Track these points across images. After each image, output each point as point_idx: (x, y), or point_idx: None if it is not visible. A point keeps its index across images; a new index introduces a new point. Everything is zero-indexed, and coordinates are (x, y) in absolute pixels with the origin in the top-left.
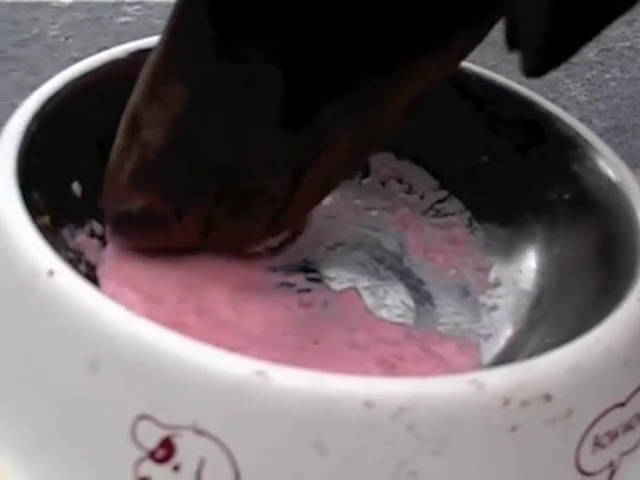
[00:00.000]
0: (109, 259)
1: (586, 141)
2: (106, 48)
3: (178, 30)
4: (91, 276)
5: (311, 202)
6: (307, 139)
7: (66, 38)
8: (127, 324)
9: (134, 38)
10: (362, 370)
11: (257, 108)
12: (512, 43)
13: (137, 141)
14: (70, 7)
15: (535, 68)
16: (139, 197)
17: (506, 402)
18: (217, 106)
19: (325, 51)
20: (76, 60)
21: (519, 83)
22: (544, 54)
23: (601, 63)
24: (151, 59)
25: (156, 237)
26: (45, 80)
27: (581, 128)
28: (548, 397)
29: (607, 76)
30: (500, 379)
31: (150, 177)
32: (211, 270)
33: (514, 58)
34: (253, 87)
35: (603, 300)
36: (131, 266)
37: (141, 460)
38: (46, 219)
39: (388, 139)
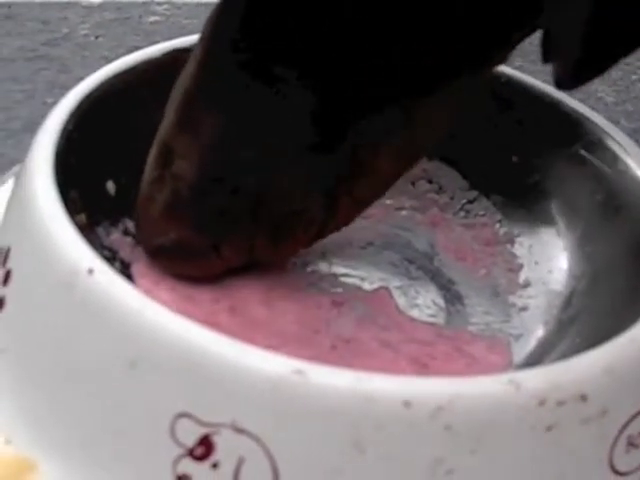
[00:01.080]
0: (143, 257)
1: (616, 142)
2: (136, 47)
3: (207, 59)
4: (125, 274)
5: (354, 213)
6: (344, 160)
7: (96, 37)
8: (167, 323)
9: (163, 37)
10: (394, 369)
11: (292, 132)
12: (547, 55)
13: (169, 172)
14: (100, 6)
15: (568, 81)
16: (173, 231)
17: (542, 402)
18: (252, 133)
19: (361, 73)
20: (106, 59)
21: (546, 84)
22: (578, 68)
23: (627, 64)
24: (179, 88)
25: (194, 268)
26: (76, 79)
27: (611, 129)
28: (584, 397)
29: (634, 77)
30: (536, 379)
31: (184, 210)
32: (244, 269)
33: (540, 60)
34: (287, 112)
35: (634, 300)
36: None
37: (180, 457)
38: (82, 217)
39: (426, 152)
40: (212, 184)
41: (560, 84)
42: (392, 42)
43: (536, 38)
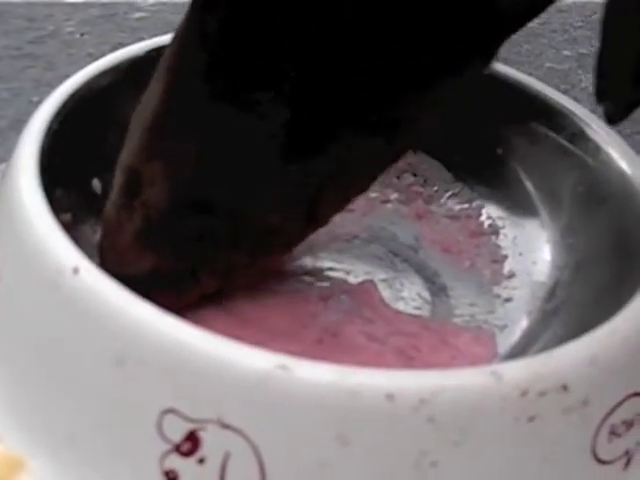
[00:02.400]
0: None
1: (599, 133)
2: (121, 44)
3: (175, 82)
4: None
5: (327, 221)
6: (318, 176)
7: (82, 34)
8: (153, 320)
9: (149, 33)
10: (380, 362)
11: (268, 153)
12: (600, 97)
13: (139, 199)
14: (85, 3)
15: (619, 117)
16: (148, 259)
17: (524, 393)
18: (227, 156)
19: (337, 91)
20: (92, 56)
21: (529, 75)
22: (629, 106)
23: None
24: (143, 112)
25: (170, 296)
26: (62, 76)
27: (594, 120)
28: (565, 387)
29: None
30: (518, 370)
31: (159, 237)
32: None
33: (525, 50)
34: (262, 132)
35: (617, 291)
36: None
37: (167, 453)
38: (68, 216)
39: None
40: (188, 209)
41: (611, 120)
42: (369, 54)
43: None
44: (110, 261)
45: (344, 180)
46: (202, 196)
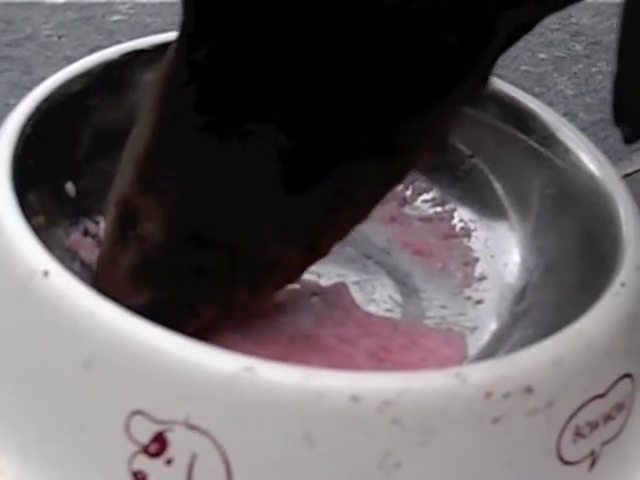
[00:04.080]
0: None
1: (569, 136)
2: (99, 46)
3: (166, 116)
4: (85, 274)
5: (328, 251)
6: (323, 204)
7: (59, 37)
8: (121, 323)
9: (126, 36)
10: (352, 364)
11: (265, 184)
12: (618, 120)
13: (134, 234)
14: (63, 6)
15: (635, 138)
16: (145, 294)
17: (488, 394)
18: (223, 189)
19: (332, 117)
20: (69, 59)
21: (503, 78)
22: None
23: (588, 57)
24: (136, 146)
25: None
26: (39, 79)
27: (564, 123)
28: (529, 389)
29: (594, 70)
30: (483, 372)
31: (156, 272)
32: None
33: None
34: (258, 165)
35: (584, 293)
36: None
37: (135, 454)
38: (41, 219)
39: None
40: (186, 244)
41: (628, 140)
42: (364, 77)
43: None
44: (107, 293)
45: (345, 208)
46: (200, 230)
